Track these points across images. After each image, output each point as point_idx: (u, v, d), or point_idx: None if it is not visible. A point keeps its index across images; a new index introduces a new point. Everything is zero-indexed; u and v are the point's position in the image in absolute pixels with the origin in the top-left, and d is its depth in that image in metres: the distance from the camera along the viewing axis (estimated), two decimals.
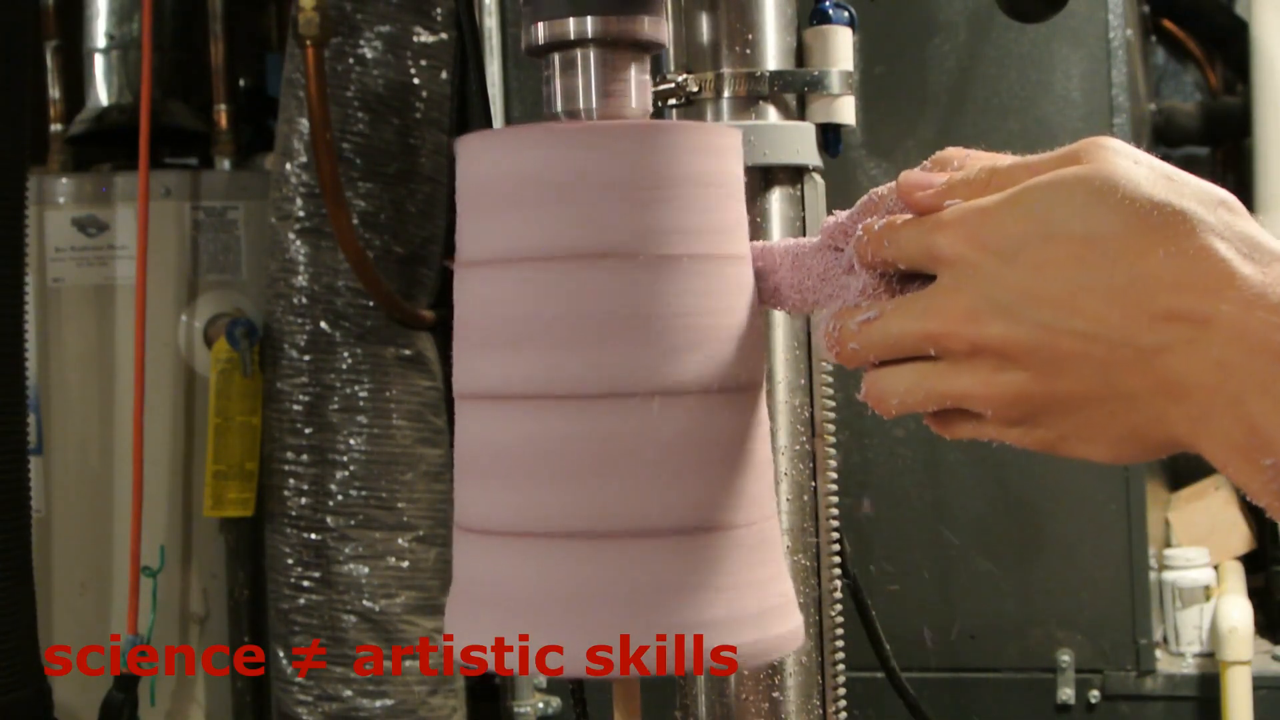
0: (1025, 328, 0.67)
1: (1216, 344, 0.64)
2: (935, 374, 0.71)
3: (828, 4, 1.06)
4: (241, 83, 2.63)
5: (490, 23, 2.30)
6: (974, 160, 0.74)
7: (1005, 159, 0.73)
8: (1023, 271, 0.67)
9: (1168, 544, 2.32)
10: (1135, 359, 0.66)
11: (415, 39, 2.26)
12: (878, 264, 0.74)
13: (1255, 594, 2.23)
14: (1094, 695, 2.11)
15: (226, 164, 2.48)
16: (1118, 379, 0.66)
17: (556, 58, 0.80)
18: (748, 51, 1.04)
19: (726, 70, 1.03)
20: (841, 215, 0.77)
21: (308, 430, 2.22)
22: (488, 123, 1.21)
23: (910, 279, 0.73)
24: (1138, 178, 0.67)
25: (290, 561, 2.23)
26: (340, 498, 2.21)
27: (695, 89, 1.04)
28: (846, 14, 1.07)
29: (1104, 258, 0.66)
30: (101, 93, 2.54)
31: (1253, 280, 0.64)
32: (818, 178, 1.07)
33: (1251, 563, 2.33)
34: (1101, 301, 0.66)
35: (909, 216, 0.73)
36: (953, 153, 0.75)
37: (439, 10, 2.28)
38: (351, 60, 2.23)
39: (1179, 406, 0.65)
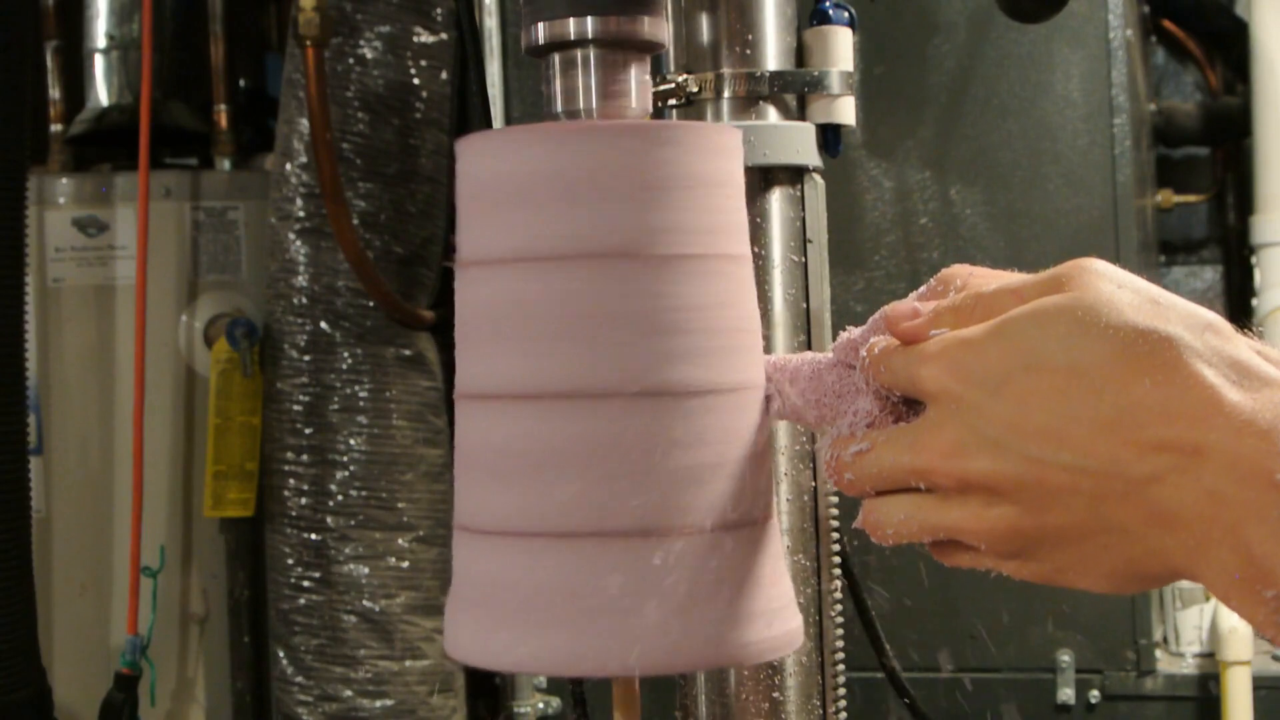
0: (1012, 461, 0.67)
1: (1208, 473, 0.63)
2: (927, 507, 0.71)
3: (828, 4, 1.06)
4: (241, 83, 2.63)
5: (490, 23, 2.30)
6: (977, 279, 0.74)
7: (999, 279, 0.72)
8: (1008, 404, 0.67)
9: None
10: (1126, 490, 0.65)
11: (415, 39, 2.26)
12: (880, 387, 0.73)
13: None
14: (1094, 695, 2.11)
15: (226, 164, 2.48)
16: (1109, 511, 0.66)
17: (557, 58, 0.80)
18: (748, 52, 1.04)
19: (726, 70, 1.03)
20: (855, 332, 0.77)
21: (308, 430, 2.22)
22: (488, 123, 1.21)
23: (916, 401, 0.73)
24: (1121, 303, 0.66)
25: (290, 561, 2.23)
26: (340, 498, 2.21)
27: (695, 89, 1.04)
28: (846, 14, 1.07)
29: (1089, 388, 0.65)
30: (101, 93, 2.54)
31: (1241, 407, 0.63)
32: (818, 178, 1.07)
33: None
34: (1089, 433, 0.65)
35: None
36: (957, 270, 0.75)
37: (439, 10, 2.28)
38: (351, 60, 2.23)
39: (1174, 537, 0.64)
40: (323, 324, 2.22)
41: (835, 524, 1.08)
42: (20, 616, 1.74)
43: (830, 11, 1.06)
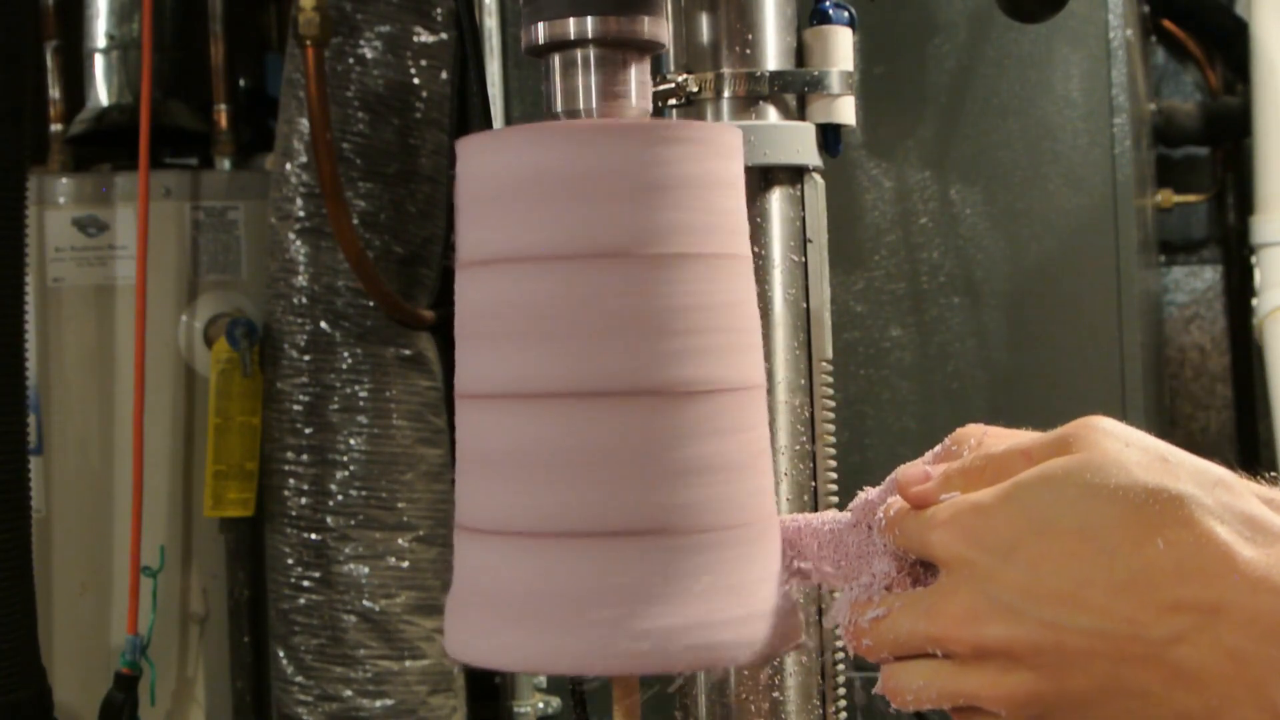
0: (1029, 626, 0.66)
1: (1227, 631, 0.63)
2: (945, 674, 0.70)
3: (828, 4, 1.06)
4: (241, 83, 2.63)
5: (490, 23, 2.30)
6: (990, 439, 0.74)
7: (1011, 439, 0.72)
8: (1020, 569, 0.67)
9: None
10: (1146, 653, 0.64)
11: (415, 39, 2.26)
12: (897, 549, 0.73)
13: None
14: None
15: (226, 164, 2.48)
16: (1129, 674, 0.65)
17: (557, 58, 0.80)
18: (748, 51, 1.04)
19: (726, 70, 1.03)
20: (872, 492, 0.77)
21: (308, 430, 2.22)
22: (488, 123, 1.21)
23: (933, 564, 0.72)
24: (1129, 463, 0.66)
25: (290, 561, 2.23)
26: (340, 498, 2.21)
27: (695, 89, 1.04)
28: (846, 14, 1.07)
29: (1102, 551, 0.65)
30: (101, 93, 2.54)
31: (1256, 563, 0.63)
32: (818, 178, 1.07)
33: None
34: (1105, 595, 0.65)
35: None
36: (971, 430, 0.75)
37: (439, 10, 2.28)
38: (351, 60, 2.23)
39: (1197, 698, 0.64)
40: (323, 324, 2.22)
41: None
42: (20, 616, 1.74)
43: (830, 11, 1.06)
